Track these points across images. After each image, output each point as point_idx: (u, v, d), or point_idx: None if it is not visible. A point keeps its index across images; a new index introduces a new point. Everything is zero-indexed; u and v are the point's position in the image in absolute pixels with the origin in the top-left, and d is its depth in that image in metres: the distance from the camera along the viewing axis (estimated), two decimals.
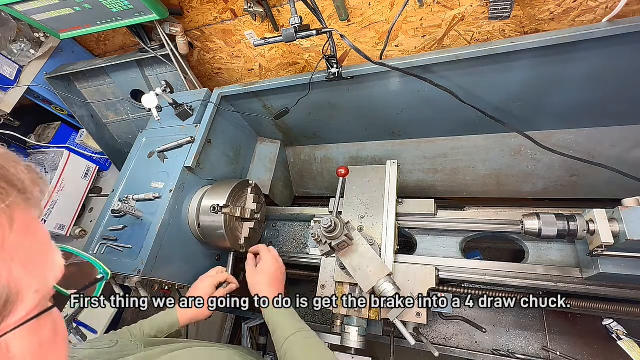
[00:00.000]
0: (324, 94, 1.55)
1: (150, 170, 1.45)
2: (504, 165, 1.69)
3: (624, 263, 0.98)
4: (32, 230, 0.37)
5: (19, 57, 1.81)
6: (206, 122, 1.49)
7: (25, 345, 0.35)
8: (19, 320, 0.34)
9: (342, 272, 1.22)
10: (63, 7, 1.38)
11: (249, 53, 1.74)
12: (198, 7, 1.57)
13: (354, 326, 1.21)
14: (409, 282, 1.21)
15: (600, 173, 1.37)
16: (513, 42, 1.12)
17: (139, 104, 1.82)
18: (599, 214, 0.94)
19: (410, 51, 1.52)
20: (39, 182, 0.38)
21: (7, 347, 0.34)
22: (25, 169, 0.37)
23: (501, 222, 1.25)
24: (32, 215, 0.37)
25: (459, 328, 1.55)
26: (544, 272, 1.15)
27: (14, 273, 0.33)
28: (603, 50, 1.11)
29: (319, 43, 1.59)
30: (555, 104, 1.37)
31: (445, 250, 1.37)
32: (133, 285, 1.29)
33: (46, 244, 0.39)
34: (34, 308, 0.36)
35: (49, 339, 0.39)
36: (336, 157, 2.02)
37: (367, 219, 1.31)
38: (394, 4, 1.36)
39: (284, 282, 1.23)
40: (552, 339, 1.44)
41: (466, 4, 1.29)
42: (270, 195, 1.88)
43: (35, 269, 0.36)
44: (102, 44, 2.01)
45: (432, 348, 1.18)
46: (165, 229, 1.29)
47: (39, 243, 0.37)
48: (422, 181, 1.90)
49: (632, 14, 1.14)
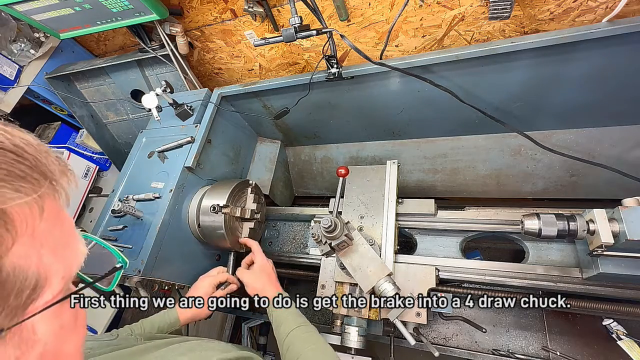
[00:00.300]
0: (324, 94, 1.55)
1: (150, 170, 1.45)
2: (504, 165, 1.69)
3: (624, 263, 0.98)
4: (60, 219, 0.38)
5: (19, 57, 1.81)
6: (206, 122, 1.49)
7: (49, 328, 0.37)
8: (45, 304, 0.36)
9: (342, 272, 1.22)
10: (63, 7, 1.38)
11: (249, 53, 1.74)
12: (198, 7, 1.57)
13: (354, 326, 1.21)
14: (409, 282, 1.21)
15: (600, 173, 1.37)
16: (513, 42, 1.12)
17: (139, 104, 1.82)
18: (599, 214, 0.94)
19: (410, 51, 1.53)
20: (67, 172, 0.40)
21: (33, 329, 0.35)
22: (56, 160, 0.39)
23: (501, 222, 1.25)
24: (60, 205, 0.39)
25: (459, 328, 1.55)
26: (544, 272, 1.15)
27: (44, 260, 0.35)
28: (603, 50, 1.11)
29: (319, 43, 1.59)
30: (555, 104, 1.37)
31: (445, 250, 1.37)
32: (133, 285, 1.29)
33: (71, 232, 0.41)
34: (59, 292, 0.38)
35: (69, 323, 0.41)
36: (336, 157, 2.02)
37: (367, 219, 1.31)
38: (394, 4, 1.36)
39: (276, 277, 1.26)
40: (552, 339, 1.44)
41: (466, 4, 1.29)
42: (270, 195, 1.88)
43: (62, 256, 0.38)
44: (102, 44, 2.01)
45: (432, 348, 1.18)
46: (165, 229, 1.29)
47: (66, 231, 0.39)
48: (422, 181, 1.90)
49: (632, 14, 1.14)
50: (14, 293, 0.32)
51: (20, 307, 0.33)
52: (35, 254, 0.34)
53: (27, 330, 0.35)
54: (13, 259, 0.32)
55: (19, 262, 0.33)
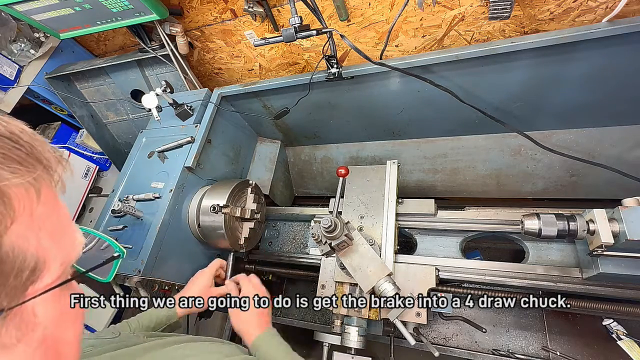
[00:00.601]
0: (324, 94, 1.55)
1: (150, 170, 1.45)
2: (504, 165, 1.69)
3: (624, 263, 0.98)
4: (57, 206, 0.39)
5: (19, 57, 1.81)
6: (206, 122, 1.49)
7: (49, 312, 0.38)
8: (45, 287, 0.36)
9: (342, 272, 1.22)
10: (63, 7, 1.38)
11: (249, 53, 1.74)
12: (198, 7, 1.57)
13: (354, 326, 1.21)
14: (409, 282, 1.21)
15: (600, 173, 1.37)
16: (513, 42, 1.12)
17: (139, 104, 1.82)
18: (599, 214, 0.94)
19: (410, 51, 1.52)
20: (62, 161, 0.40)
21: (34, 312, 0.36)
22: (51, 149, 0.39)
23: (501, 222, 1.25)
24: (55, 193, 0.39)
25: (459, 328, 1.55)
26: (544, 272, 1.15)
27: (42, 243, 0.36)
28: (603, 50, 1.11)
29: (319, 43, 1.59)
30: (555, 104, 1.37)
31: (445, 250, 1.37)
32: (133, 285, 1.28)
33: (68, 220, 0.41)
34: (58, 278, 0.38)
35: (69, 310, 0.42)
36: (336, 157, 2.02)
37: (367, 219, 1.31)
38: (394, 4, 1.36)
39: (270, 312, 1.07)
40: (552, 339, 1.44)
41: (466, 4, 1.29)
42: (270, 195, 1.88)
43: (60, 242, 0.39)
44: (102, 44, 2.01)
45: (432, 348, 1.17)
46: (165, 229, 1.29)
47: (63, 219, 0.40)
48: (422, 181, 1.90)
49: (632, 14, 1.14)
50: (13, 273, 0.33)
51: (19, 287, 0.34)
52: (34, 237, 0.35)
53: (28, 313, 0.36)
54: (12, 238, 0.32)
55: (17, 242, 0.33)
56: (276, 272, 1.65)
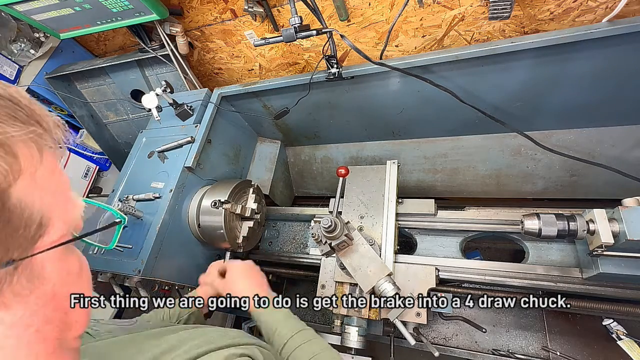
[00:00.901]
0: (324, 94, 1.55)
1: (150, 170, 1.45)
2: (504, 165, 1.69)
3: (624, 263, 0.98)
4: (57, 169, 0.39)
5: (19, 57, 1.81)
6: (206, 122, 1.49)
7: (57, 269, 0.39)
8: (51, 243, 0.37)
9: (342, 272, 1.22)
10: (63, 7, 1.38)
11: (249, 53, 1.74)
12: (198, 7, 1.57)
13: (354, 326, 1.21)
14: (409, 282, 1.21)
15: (600, 173, 1.37)
16: (513, 42, 1.12)
17: (139, 104, 1.81)
18: (599, 214, 0.94)
19: (410, 51, 1.52)
20: (60, 125, 0.41)
21: (43, 266, 0.37)
22: (49, 113, 0.40)
23: (501, 222, 1.25)
24: (55, 156, 0.39)
25: (459, 328, 1.55)
26: (544, 272, 1.15)
27: (46, 201, 0.36)
28: (603, 50, 1.11)
29: (319, 43, 1.58)
30: (555, 104, 1.37)
31: (445, 250, 1.37)
32: (133, 285, 1.29)
33: (68, 185, 0.42)
34: (63, 236, 0.39)
35: (75, 271, 0.43)
36: (336, 157, 2.02)
37: (367, 219, 1.31)
38: (394, 4, 1.36)
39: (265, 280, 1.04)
40: (552, 339, 1.44)
41: (466, 4, 1.29)
42: (270, 195, 1.88)
43: (62, 203, 0.39)
44: (102, 44, 2.01)
45: (432, 348, 1.17)
46: (165, 229, 1.29)
47: (63, 183, 0.40)
48: (422, 181, 1.90)
49: (632, 14, 1.14)
50: (22, 225, 0.34)
51: (29, 240, 0.35)
52: (38, 194, 0.36)
53: (37, 266, 0.37)
54: (18, 191, 0.33)
55: (24, 197, 0.34)
56: (276, 272, 1.66)
